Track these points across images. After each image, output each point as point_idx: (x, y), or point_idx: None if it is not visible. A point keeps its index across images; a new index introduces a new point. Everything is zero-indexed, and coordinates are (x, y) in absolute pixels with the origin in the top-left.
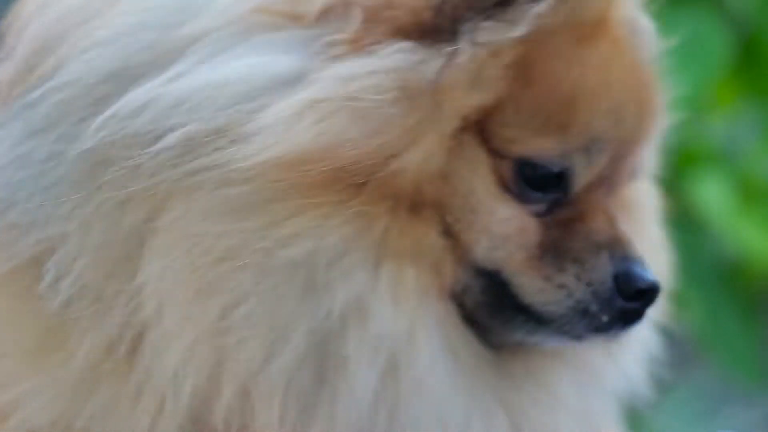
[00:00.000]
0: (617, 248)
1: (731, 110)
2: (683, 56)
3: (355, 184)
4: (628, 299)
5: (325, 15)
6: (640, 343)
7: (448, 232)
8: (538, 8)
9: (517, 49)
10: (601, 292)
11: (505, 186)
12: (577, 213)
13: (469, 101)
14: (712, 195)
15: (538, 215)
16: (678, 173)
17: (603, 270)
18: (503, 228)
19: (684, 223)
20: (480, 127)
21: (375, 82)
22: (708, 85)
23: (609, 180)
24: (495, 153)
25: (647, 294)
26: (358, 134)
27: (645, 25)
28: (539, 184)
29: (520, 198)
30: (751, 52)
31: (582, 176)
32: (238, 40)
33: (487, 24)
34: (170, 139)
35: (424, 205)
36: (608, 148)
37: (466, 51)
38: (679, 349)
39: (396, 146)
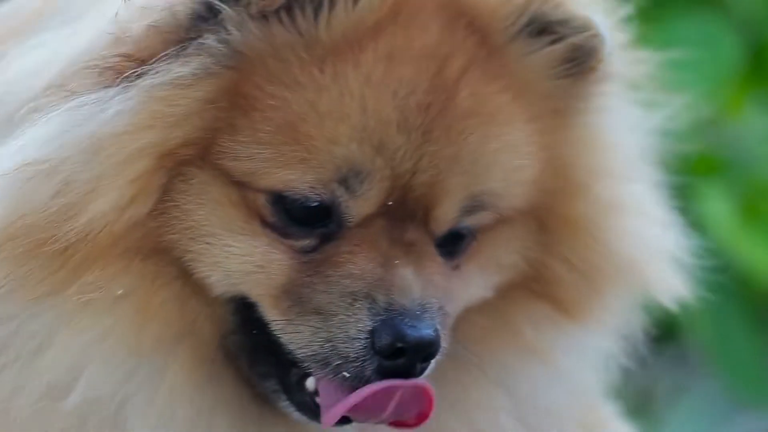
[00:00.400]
0: (380, 298)
1: (741, 117)
2: (693, 63)
3: (76, 266)
4: (387, 358)
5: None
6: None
7: (184, 273)
8: (233, 38)
9: (219, 79)
10: (346, 350)
11: (264, 220)
12: (347, 251)
13: (152, 139)
14: (718, 206)
15: (306, 251)
16: (687, 181)
17: (353, 326)
18: (238, 264)
19: (690, 233)
20: (210, 161)
21: (60, 142)
22: (718, 92)
23: (403, 213)
24: (242, 186)
25: (410, 352)
26: (46, 197)
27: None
28: (301, 217)
29: (283, 232)
30: (761, 58)
31: (353, 209)
32: (12, 129)
33: (168, 62)
34: None
35: (161, 260)
36: (377, 179)
37: (141, 91)
38: (686, 360)
39: (81, 201)
